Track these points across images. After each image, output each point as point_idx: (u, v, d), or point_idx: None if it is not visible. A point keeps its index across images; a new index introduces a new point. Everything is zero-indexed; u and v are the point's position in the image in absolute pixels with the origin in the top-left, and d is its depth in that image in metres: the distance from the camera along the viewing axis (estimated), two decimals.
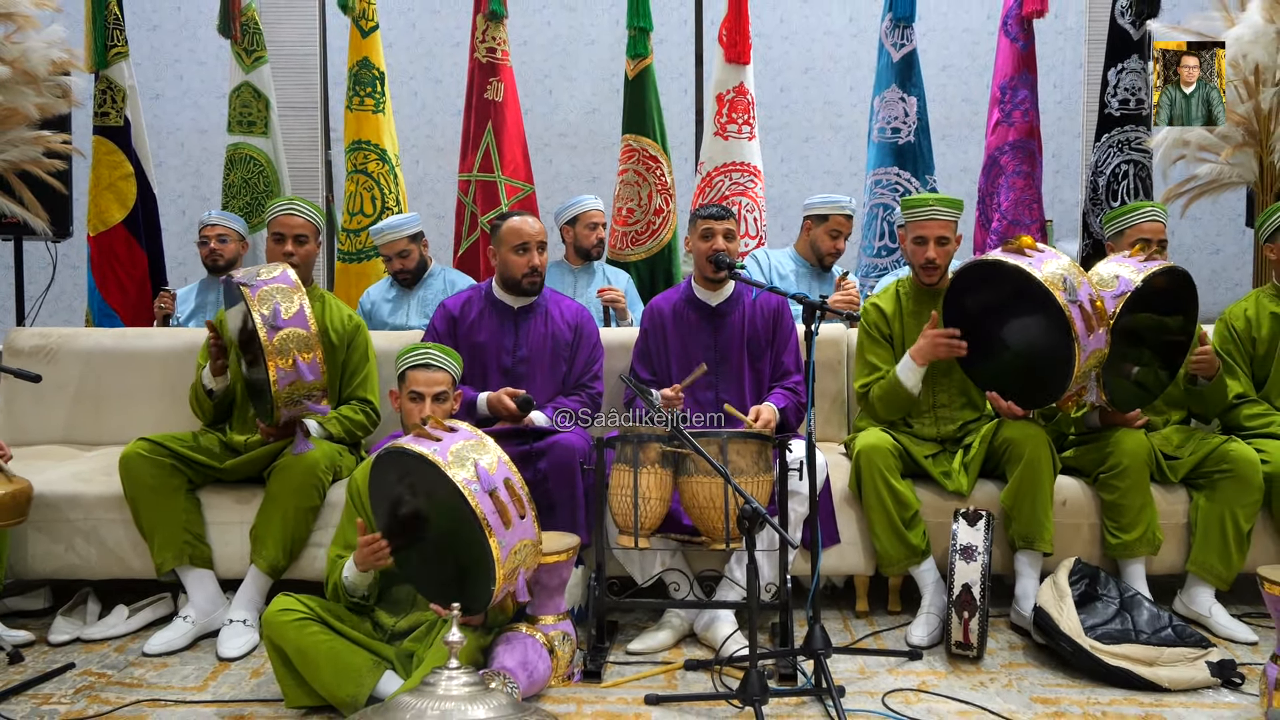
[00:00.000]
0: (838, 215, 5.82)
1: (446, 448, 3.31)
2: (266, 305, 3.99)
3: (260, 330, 3.95)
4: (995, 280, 4.18)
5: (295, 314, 4.03)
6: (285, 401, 4.06)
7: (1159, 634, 3.85)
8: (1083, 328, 3.90)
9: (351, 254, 6.75)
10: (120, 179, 6.63)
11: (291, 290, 4.09)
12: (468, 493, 3.21)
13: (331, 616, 3.58)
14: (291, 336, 3.99)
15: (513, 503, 3.31)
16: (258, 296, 4.00)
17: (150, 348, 5.38)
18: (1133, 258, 4.29)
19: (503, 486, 3.30)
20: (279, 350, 3.96)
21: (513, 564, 3.30)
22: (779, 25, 9.44)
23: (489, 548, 3.21)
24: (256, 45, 6.95)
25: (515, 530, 3.29)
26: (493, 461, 3.34)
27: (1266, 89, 5.99)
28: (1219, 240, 9.36)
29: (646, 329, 4.83)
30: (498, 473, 3.32)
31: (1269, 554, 4.45)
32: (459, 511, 3.24)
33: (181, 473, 4.36)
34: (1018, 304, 4.13)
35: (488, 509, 3.22)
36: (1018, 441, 4.27)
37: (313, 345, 4.04)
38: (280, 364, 3.96)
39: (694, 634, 4.29)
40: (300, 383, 4.03)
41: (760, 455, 3.91)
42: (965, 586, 3.96)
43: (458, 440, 3.37)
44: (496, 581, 3.25)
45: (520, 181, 6.73)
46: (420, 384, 4.01)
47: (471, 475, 3.25)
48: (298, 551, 4.37)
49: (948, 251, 4.58)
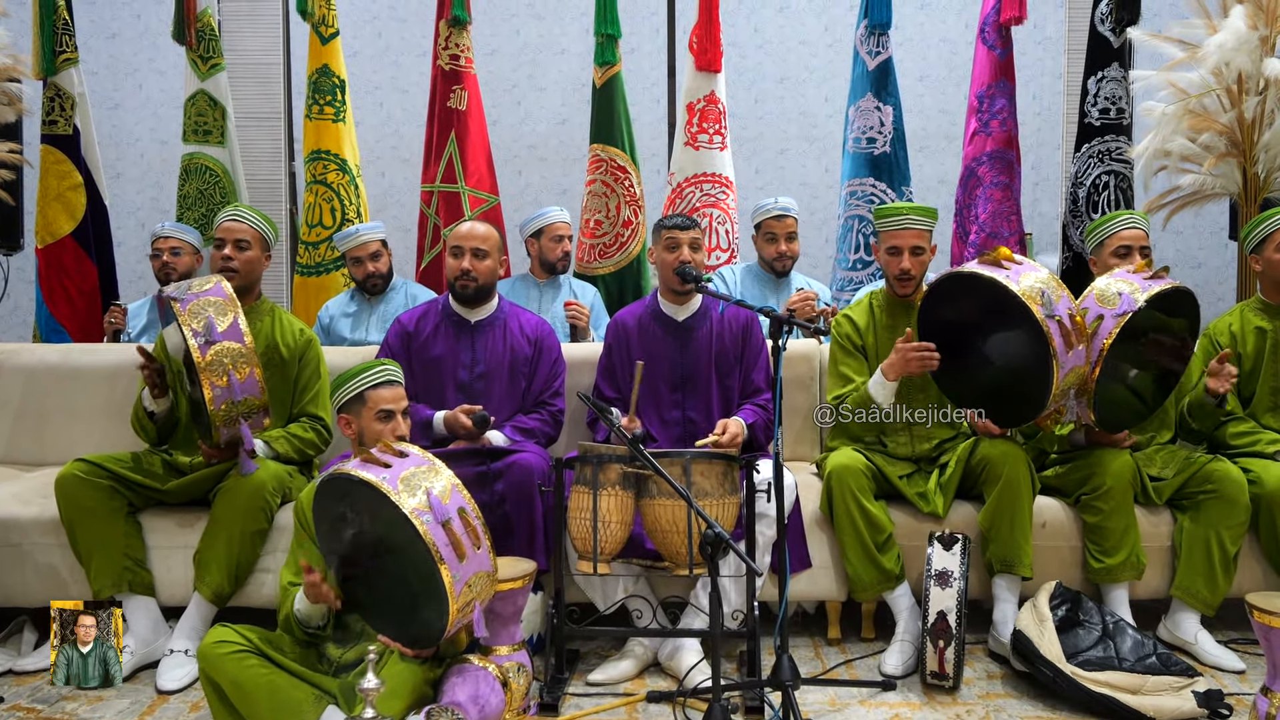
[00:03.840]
0: (766, 220, 5.69)
1: (397, 474, 3.15)
2: (199, 320, 3.87)
3: (192, 346, 3.82)
4: (971, 293, 4.04)
5: (229, 328, 3.89)
6: (224, 420, 3.92)
7: (1143, 661, 3.73)
8: (1061, 344, 3.76)
9: (311, 267, 6.56)
10: (69, 189, 6.43)
11: (226, 304, 3.95)
12: (419, 523, 3.04)
13: (272, 649, 3.41)
14: (226, 351, 3.86)
15: (467, 533, 3.14)
16: (189, 311, 3.87)
17: (96, 364, 5.21)
18: (1137, 274, 4.15)
19: (456, 516, 3.14)
20: (213, 366, 3.83)
21: (468, 597, 3.14)
22: (753, 34, 9.29)
23: (441, 581, 3.05)
24: (213, 52, 6.76)
25: (470, 562, 3.13)
26: (446, 489, 3.17)
27: (1250, 97, 5.86)
28: (1201, 254, 9.25)
29: (611, 344, 4.71)
30: (451, 501, 3.16)
31: (1256, 578, 4.33)
32: (410, 542, 3.07)
33: (121, 495, 4.22)
34: (994, 318, 3.99)
35: (440, 540, 3.06)
36: (995, 461, 4.13)
37: (249, 360, 3.90)
38: (215, 381, 3.83)
39: (658, 663, 4.15)
40: (237, 400, 3.87)
41: (726, 476, 3.76)
42: (940, 614, 3.82)
43: (408, 466, 3.20)
44: (450, 616, 3.09)
45: (485, 193, 6.56)
46: (389, 401, 3.81)
47: (423, 504, 3.09)
48: (244, 577, 4.23)
49: (922, 262, 4.44)
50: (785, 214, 5.64)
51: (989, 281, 3.91)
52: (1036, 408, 3.94)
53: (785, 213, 5.64)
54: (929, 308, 4.22)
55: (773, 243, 5.65)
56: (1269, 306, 4.67)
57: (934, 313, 4.21)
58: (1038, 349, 3.80)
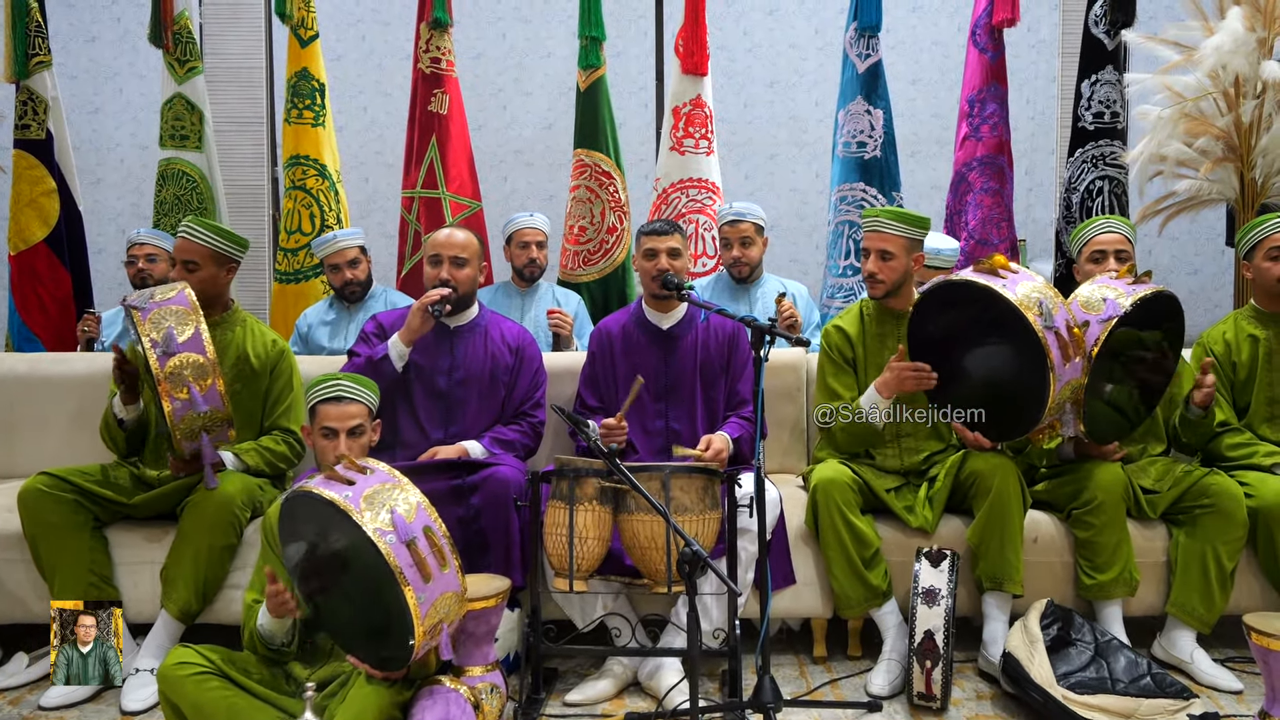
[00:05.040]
0: (721, 226, 5.55)
1: (360, 492, 3.06)
2: (159, 330, 3.78)
3: (150, 357, 3.73)
4: (964, 303, 3.94)
5: (190, 338, 3.80)
6: (185, 434, 3.83)
7: (1137, 683, 3.62)
8: (1059, 356, 3.66)
9: (290, 274, 6.46)
10: (42, 195, 6.33)
11: (188, 313, 3.87)
12: (381, 544, 2.95)
13: (235, 670, 3.31)
14: (186, 362, 3.77)
15: (433, 554, 3.05)
16: (149, 320, 3.79)
17: (67, 374, 5.09)
18: (1120, 279, 4.06)
19: (422, 536, 3.04)
20: (172, 378, 3.74)
21: (434, 619, 3.05)
22: (743, 38, 9.20)
23: (406, 603, 2.96)
24: (190, 55, 6.64)
25: (436, 583, 3.04)
26: (411, 507, 3.07)
27: (1247, 101, 5.77)
28: (1198, 260, 9.17)
29: (594, 352, 4.61)
30: (416, 520, 3.06)
31: (1254, 595, 4.22)
32: (373, 563, 2.98)
33: (86, 509, 4.14)
34: (988, 329, 3.89)
35: (404, 561, 2.96)
36: (985, 474, 4.02)
37: (209, 372, 3.82)
38: (175, 393, 3.76)
39: (638, 683, 4.05)
40: (197, 412, 3.79)
41: (707, 491, 3.66)
42: (928, 633, 3.71)
43: (372, 483, 3.11)
44: (415, 639, 3.00)
45: (466, 198, 6.45)
46: (332, 419, 3.70)
47: (386, 524, 2.99)
48: (212, 594, 4.15)
49: (892, 268, 4.30)
50: (739, 219, 5.45)
51: (984, 290, 3.81)
52: (1030, 422, 3.84)
53: (739, 218, 5.45)
54: (920, 317, 4.11)
55: (728, 249, 5.51)
56: (1262, 314, 4.57)
57: (925, 322, 4.10)
58: (1034, 361, 3.70)
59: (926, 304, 4.08)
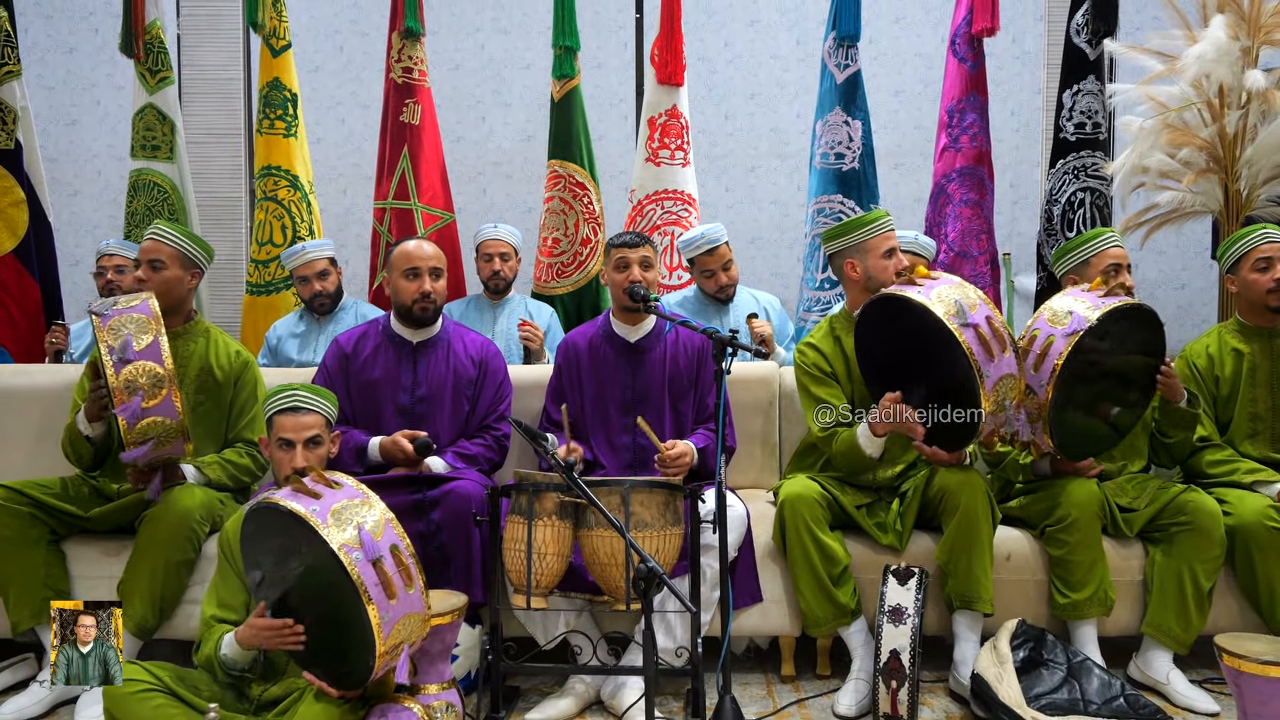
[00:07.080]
0: (698, 256, 5.41)
1: (327, 506, 3.00)
2: (116, 337, 3.73)
3: (105, 363, 3.68)
4: (896, 317, 3.88)
5: (148, 347, 3.75)
6: (135, 442, 3.76)
7: (1110, 704, 3.57)
8: (981, 352, 3.60)
9: (260, 286, 6.39)
10: (10, 205, 6.22)
11: (149, 321, 3.82)
12: (347, 561, 2.90)
13: (185, 688, 3.24)
14: (142, 371, 3.73)
15: (399, 573, 2.99)
16: (108, 327, 3.74)
17: (30, 386, 4.98)
18: (1090, 291, 3.99)
19: (388, 554, 2.99)
20: (125, 386, 3.68)
21: (396, 639, 2.99)
22: (723, 49, 9.12)
23: (369, 622, 2.90)
24: (161, 65, 6.57)
25: (401, 603, 2.98)
26: (378, 524, 3.02)
27: (1232, 111, 5.69)
28: (1184, 274, 9.08)
29: (561, 365, 4.54)
30: (384, 538, 3.01)
31: (1232, 615, 4.13)
32: (337, 580, 2.92)
33: (42, 522, 4.09)
34: (920, 338, 3.80)
35: (370, 580, 2.91)
36: (952, 490, 3.93)
37: (165, 383, 3.75)
38: (127, 401, 3.68)
39: (600, 701, 3.96)
40: (151, 422, 3.73)
41: (668, 506, 3.57)
42: (894, 653, 3.63)
43: (340, 498, 3.05)
44: (376, 659, 2.94)
45: (439, 210, 6.39)
46: (288, 430, 3.65)
47: (353, 540, 2.94)
48: (170, 609, 4.08)
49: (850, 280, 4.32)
50: (715, 245, 5.36)
51: (902, 300, 3.77)
52: (973, 423, 3.74)
53: (715, 244, 5.36)
54: (863, 341, 4.09)
55: (710, 277, 5.41)
56: (1246, 328, 4.50)
57: (870, 345, 4.07)
58: (960, 361, 3.63)
59: (863, 328, 4.06)
